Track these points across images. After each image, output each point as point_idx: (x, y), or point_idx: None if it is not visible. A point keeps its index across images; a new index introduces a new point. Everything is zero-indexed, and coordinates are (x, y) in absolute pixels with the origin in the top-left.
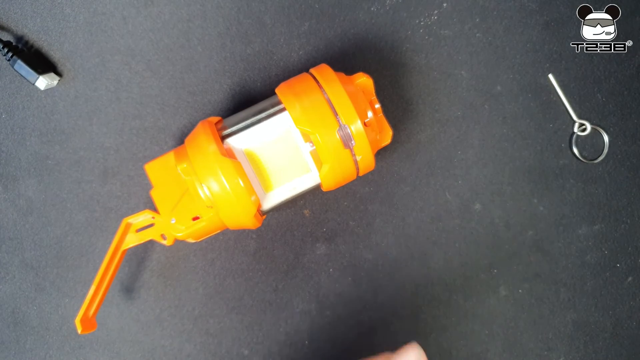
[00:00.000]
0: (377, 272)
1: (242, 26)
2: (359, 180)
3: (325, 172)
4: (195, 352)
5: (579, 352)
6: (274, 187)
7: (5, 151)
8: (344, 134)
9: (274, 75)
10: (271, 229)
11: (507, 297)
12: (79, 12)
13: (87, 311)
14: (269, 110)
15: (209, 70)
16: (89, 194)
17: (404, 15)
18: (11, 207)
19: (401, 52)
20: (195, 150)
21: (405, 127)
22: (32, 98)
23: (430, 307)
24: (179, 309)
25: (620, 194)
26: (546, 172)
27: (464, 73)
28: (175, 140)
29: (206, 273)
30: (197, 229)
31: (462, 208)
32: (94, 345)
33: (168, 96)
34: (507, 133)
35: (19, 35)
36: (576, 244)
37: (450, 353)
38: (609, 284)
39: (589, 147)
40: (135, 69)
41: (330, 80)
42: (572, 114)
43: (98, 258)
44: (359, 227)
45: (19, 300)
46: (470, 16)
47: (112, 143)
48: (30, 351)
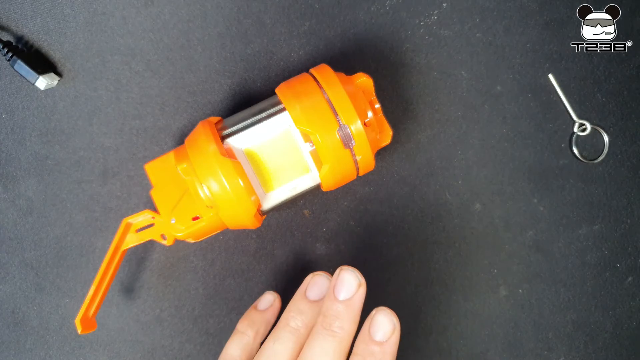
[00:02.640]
0: (377, 272)
1: (242, 26)
2: (359, 180)
3: (325, 172)
4: (195, 352)
5: (579, 352)
6: (274, 187)
7: (5, 151)
8: (344, 134)
9: (274, 75)
10: (271, 229)
11: (507, 297)
12: (79, 12)
13: (87, 311)
14: (269, 110)
15: (209, 70)
16: (89, 194)
17: (404, 15)
18: (11, 207)
19: (401, 52)
20: (195, 150)
21: (405, 127)
22: (32, 98)
23: (430, 307)
24: (179, 309)
25: (620, 194)
26: (546, 172)
27: (464, 73)
28: (175, 140)
29: (206, 273)
30: (197, 229)
31: (462, 208)
32: (94, 345)
33: (168, 96)
34: (507, 133)
35: (19, 35)
36: (576, 244)
37: (450, 353)
38: (609, 284)
39: (589, 147)
40: (135, 69)
41: (330, 80)
42: (572, 114)
43: (98, 258)
44: (359, 227)
45: (19, 300)
46: (470, 16)
47: (112, 143)
48: (30, 351)
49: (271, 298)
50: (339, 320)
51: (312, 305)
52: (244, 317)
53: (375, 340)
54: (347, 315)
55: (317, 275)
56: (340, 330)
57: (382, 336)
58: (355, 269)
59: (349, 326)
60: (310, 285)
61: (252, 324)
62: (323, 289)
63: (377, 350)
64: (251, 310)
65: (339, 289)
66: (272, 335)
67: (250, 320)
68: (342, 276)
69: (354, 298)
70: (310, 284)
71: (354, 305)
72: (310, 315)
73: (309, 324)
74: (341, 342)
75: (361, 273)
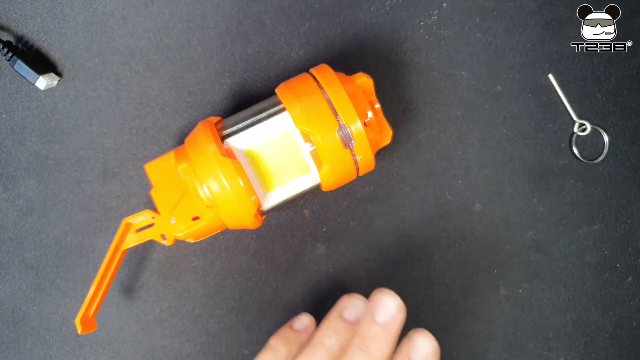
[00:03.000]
0: (377, 272)
1: (242, 26)
2: (359, 180)
3: (325, 172)
4: (195, 352)
5: (579, 352)
6: (274, 187)
7: (5, 151)
8: (344, 134)
9: (274, 75)
10: (271, 229)
11: (507, 297)
12: (79, 12)
13: (87, 311)
14: (269, 110)
15: (209, 70)
16: (89, 194)
17: (404, 15)
18: (11, 207)
19: (401, 52)
20: (195, 150)
21: (405, 127)
22: (32, 98)
23: (430, 307)
24: (179, 309)
25: (620, 194)
26: (546, 172)
27: (464, 73)
28: (175, 140)
29: (206, 273)
30: (197, 229)
31: (462, 208)
32: (94, 345)
33: (168, 96)
34: (507, 133)
35: (19, 35)
36: (576, 244)
37: (450, 353)
38: (609, 284)
39: (589, 147)
40: (135, 69)
41: (330, 80)
42: (572, 114)
43: (98, 258)
44: (359, 227)
45: (19, 300)
46: (470, 16)
47: (112, 143)
48: (30, 351)
49: (308, 320)
50: (377, 343)
51: (347, 326)
52: (278, 335)
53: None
54: (384, 339)
55: (353, 296)
56: (377, 352)
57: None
58: (393, 292)
59: (387, 350)
60: (347, 306)
61: (287, 342)
62: (359, 311)
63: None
64: (286, 328)
65: (379, 312)
66: (306, 352)
67: (285, 338)
68: (382, 299)
69: (393, 322)
70: (347, 304)
71: (393, 329)
72: (345, 336)
73: (343, 344)
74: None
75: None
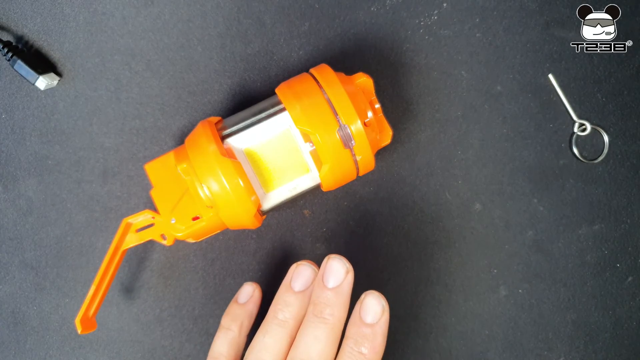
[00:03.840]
0: (377, 272)
1: (242, 26)
2: (359, 180)
3: (325, 172)
4: (195, 352)
5: (579, 352)
6: (274, 187)
7: (5, 151)
8: (344, 134)
9: (274, 75)
10: (271, 229)
11: (507, 297)
12: (79, 12)
13: (87, 311)
14: (269, 110)
15: (209, 70)
16: (89, 194)
17: (404, 15)
18: (11, 207)
19: (401, 52)
20: (195, 150)
21: (405, 127)
22: (32, 98)
23: (430, 307)
24: (179, 309)
25: (620, 194)
26: (546, 172)
27: (464, 73)
28: (175, 140)
29: (206, 273)
30: (197, 229)
31: (462, 208)
32: (94, 345)
33: (168, 96)
34: (507, 133)
35: (19, 35)
36: (576, 244)
37: (450, 353)
38: (609, 284)
39: (589, 147)
40: (135, 69)
41: (330, 80)
42: (572, 114)
43: (98, 258)
44: (359, 227)
45: (19, 300)
46: (470, 16)
47: (112, 143)
48: (30, 351)
49: (250, 289)
50: (330, 307)
51: (298, 296)
52: (227, 312)
53: (366, 322)
54: (337, 302)
55: (300, 265)
56: (331, 317)
57: (373, 318)
58: (342, 256)
59: (340, 312)
60: (294, 276)
61: (236, 318)
62: (308, 279)
63: (368, 332)
64: (232, 304)
65: (328, 277)
66: (261, 329)
67: (232, 314)
68: (330, 264)
69: (343, 285)
70: (295, 275)
71: (343, 291)
72: (297, 306)
73: (297, 315)
74: (333, 328)
75: (349, 261)
